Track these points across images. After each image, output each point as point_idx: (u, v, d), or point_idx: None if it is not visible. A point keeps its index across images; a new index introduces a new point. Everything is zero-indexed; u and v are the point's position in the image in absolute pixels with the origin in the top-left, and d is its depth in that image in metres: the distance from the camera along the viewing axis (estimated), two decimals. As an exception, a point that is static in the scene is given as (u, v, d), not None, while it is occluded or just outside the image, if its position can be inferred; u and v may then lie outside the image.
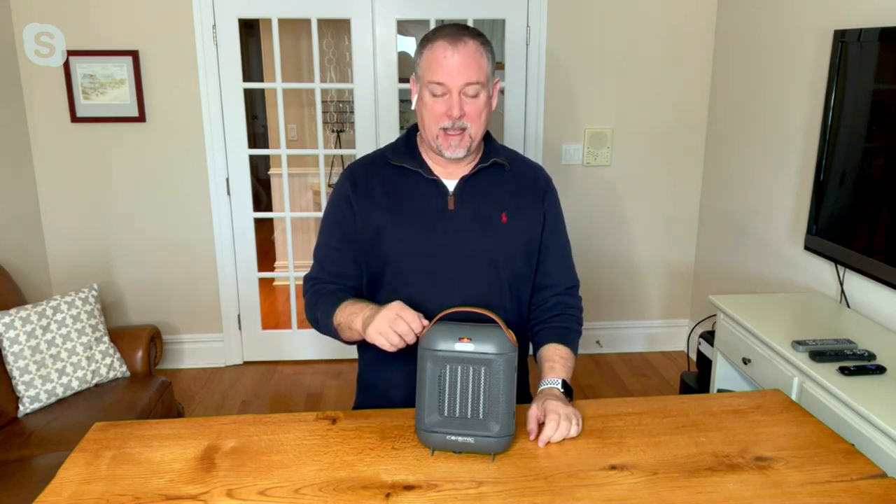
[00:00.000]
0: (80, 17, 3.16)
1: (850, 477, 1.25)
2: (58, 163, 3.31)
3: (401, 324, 1.32)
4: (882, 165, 2.09)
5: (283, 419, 1.44)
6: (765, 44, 2.96)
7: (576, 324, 1.62)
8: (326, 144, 5.18)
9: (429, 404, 1.29)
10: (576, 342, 1.60)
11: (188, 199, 3.41)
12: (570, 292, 1.65)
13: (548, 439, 1.33)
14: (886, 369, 1.80)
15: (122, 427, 1.41)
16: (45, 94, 3.23)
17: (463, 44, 1.42)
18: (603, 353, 3.75)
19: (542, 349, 1.56)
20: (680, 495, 1.19)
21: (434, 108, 1.45)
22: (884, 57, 2.07)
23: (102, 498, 1.18)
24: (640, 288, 3.73)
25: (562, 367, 1.50)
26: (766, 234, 2.96)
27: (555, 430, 1.33)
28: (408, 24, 3.43)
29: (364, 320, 1.38)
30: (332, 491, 1.20)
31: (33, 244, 3.31)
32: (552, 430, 1.33)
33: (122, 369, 2.64)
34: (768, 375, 2.06)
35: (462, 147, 1.46)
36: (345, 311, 1.46)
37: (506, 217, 1.54)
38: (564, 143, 3.49)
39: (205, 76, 3.27)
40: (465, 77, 1.41)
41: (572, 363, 1.55)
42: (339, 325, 1.48)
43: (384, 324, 1.33)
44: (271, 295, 4.66)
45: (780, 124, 2.84)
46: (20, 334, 2.40)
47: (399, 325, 1.32)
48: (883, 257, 2.07)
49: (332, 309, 1.49)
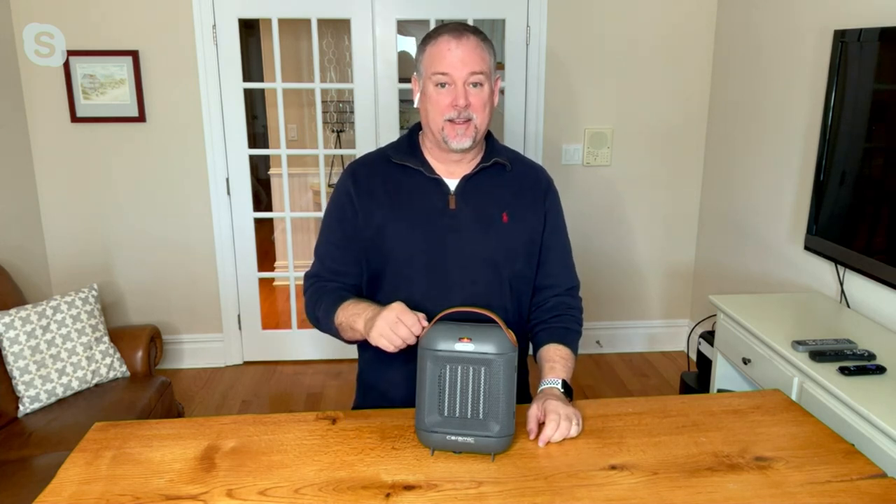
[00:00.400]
0: (80, 17, 3.16)
1: (850, 477, 1.25)
2: (58, 163, 3.31)
3: (401, 328, 1.32)
4: (882, 165, 2.09)
5: (283, 419, 1.44)
6: (765, 44, 2.96)
7: (576, 324, 1.62)
8: (326, 144, 5.18)
9: (429, 404, 1.29)
10: (576, 342, 1.60)
11: (188, 199, 3.41)
12: (570, 293, 1.65)
13: (548, 439, 1.33)
14: (886, 369, 1.80)
15: (122, 427, 1.41)
16: (45, 94, 3.23)
17: (466, 38, 1.45)
18: (603, 353, 3.75)
19: (542, 349, 1.56)
20: (680, 495, 1.19)
21: (439, 100, 1.46)
22: (884, 57, 2.07)
23: (102, 498, 1.18)
24: (640, 288, 3.73)
25: (562, 368, 1.50)
26: (766, 234, 2.96)
27: (555, 430, 1.33)
28: (408, 24, 3.43)
29: (366, 322, 1.39)
30: (332, 491, 1.21)
31: (33, 244, 3.31)
32: (552, 430, 1.33)
33: (122, 369, 2.64)
34: (768, 375, 2.06)
35: (468, 136, 1.47)
36: (346, 312, 1.46)
37: (507, 217, 1.54)
38: (564, 143, 3.49)
39: (205, 76, 3.27)
40: (470, 67, 1.43)
41: (572, 363, 1.55)
42: (341, 325, 1.48)
43: (385, 326, 1.33)
44: (271, 295, 4.66)
45: (780, 124, 2.84)
46: (20, 334, 2.40)
47: (399, 329, 1.32)
48: (883, 257, 2.07)
49: (334, 308, 1.49)
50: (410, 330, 1.32)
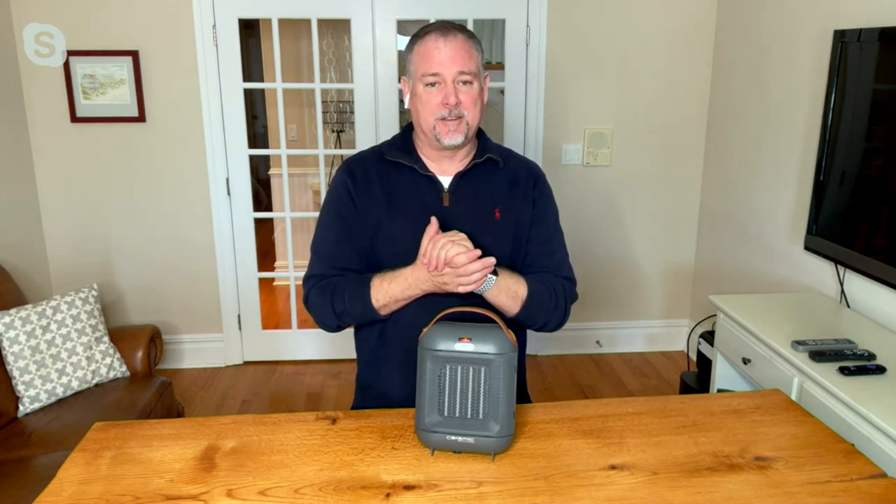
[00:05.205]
0: (80, 17, 3.16)
1: (850, 477, 1.25)
2: (58, 163, 3.31)
3: (441, 277, 1.39)
4: (882, 165, 2.09)
5: (283, 419, 1.44)
6: (765, 44, 2.96)
7: (554, 286, 1.55)
8: (326, 144, 5.18)
9: (429, 404, 1.29)
10: (542, 290, 1.52)
11: (188, 199, 3.41)
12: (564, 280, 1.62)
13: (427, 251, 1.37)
14: (886, 369, 1.80)
15: (122, 427, 1.41)
16: (45, 94, 3.23)
17: (453, 36, 1.46)
18: (603, 353, 3.75)
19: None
20: (680, 495, 1.19)
21: (429, 99, 1.47)
22: (884, 57, 2.07)
23: (102, 498, 1.19)
24: (640, 288, 3.73)
25: (509, 274, 1.49)
26: (766, 234, 2.96)
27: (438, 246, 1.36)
28: (408, 24, 3.43)
29: (419, 284, 1.44)
30: (332, 491, 1.21)
31: (33, 244, 3.31)
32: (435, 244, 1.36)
33: (122, 369, 2.64)
34: (768, 375, 2.06)
35: (460, 133, 1.48)
36: (384, 287, 1.47)
37: (499, 213, 1.55)
38: (564, 143, 3.49)
39: (205, 76, 3.27)
40: (459, 65, 1.45)
41: (520, 289, 1.49)
42: (384, 304, 1.48)
43: (434, 286, 1.41)
44: (271, 295, 4.66)
45: (780, 124, 2.84)
46: (20, 334, 2.40)
47: (442, 278, 1.39)
48: (883, 257, 2.07)
49: (365, 292, 1.48)
50: (439, 257, 1.35)
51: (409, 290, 1.46)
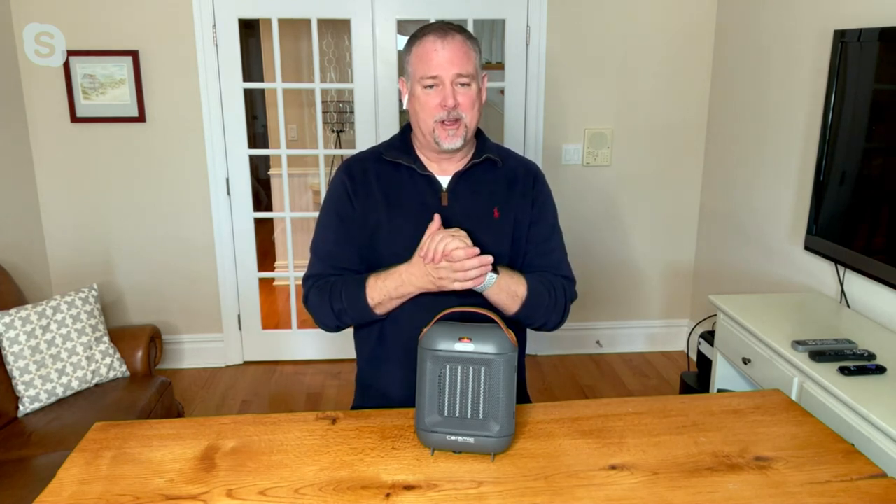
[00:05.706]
0: (80, 17, 3.16)
1: (850, 477, 1.25)
2: (58, 163, 3.31)
3: (438, 272, 1.39)
4: (882, 165, 2.09)
5: (283, 419, 1.44)
6: (765, 44, 2.96)
7: (554, 285, 1.55)
8: (326, 144, 5.18)
9: (429, 404, 1.29)
10: (541, 289, 1.53)
11: (188, 199, 3.41)
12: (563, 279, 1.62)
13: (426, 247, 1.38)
14: (886, 369, 1.80)
15: (122, 427, 1.41)
16: (45, 94, 3.23)
17: (451, 37, 1.46)
18: (603, 353, 3.75)
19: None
20: (680, 495, 1.19)
21: (428, 101, 1.47)
22: (884, 57, 2.07)
23: (102, 498, 1.19)
24: (640, 288, 3.73)
25: (509, 273, 1.49)
26: (766, 234, 2.96)
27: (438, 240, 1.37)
28: (408, 24, 3.43)
29: (413, 281, 1.44)
30: (332, 491, 1.21)
31: (33, 244, 3.31)
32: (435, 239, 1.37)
33: (122, 369, 2.64)
34: (768, 375, 2.06)
35: (458, 136, 1.48)
36: (378, 284, 1.47)
37: (497, 213, 1.55)
38: (564, 143, 3.49)
39: (205, 76, 3.27)
40: (457, 67, 1.45)
41: (519, 288, 1.49)
42: (379, 302, 1.48)
43: (430, 282, 1.41)
44: (271, 295, 4.66)
45: (780, 124, 2.84)
46: (20, 334, 2.40)
47: (439, 273, 1.39)
48: (883, 257, 2.07)
49: (361, 291, 1.48)
50: (437, 250, 1.35)
51: (402, 288, 1.46)
